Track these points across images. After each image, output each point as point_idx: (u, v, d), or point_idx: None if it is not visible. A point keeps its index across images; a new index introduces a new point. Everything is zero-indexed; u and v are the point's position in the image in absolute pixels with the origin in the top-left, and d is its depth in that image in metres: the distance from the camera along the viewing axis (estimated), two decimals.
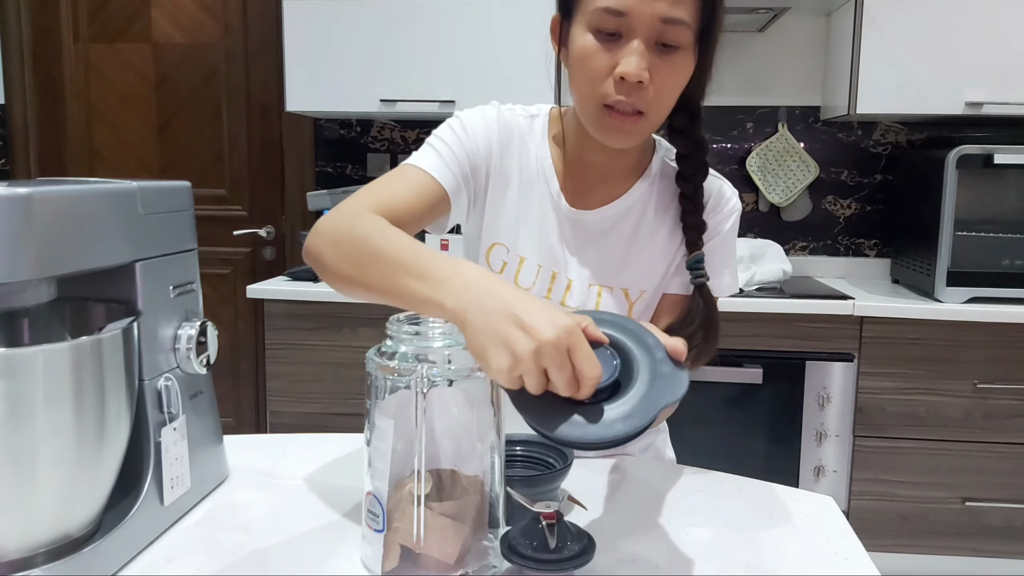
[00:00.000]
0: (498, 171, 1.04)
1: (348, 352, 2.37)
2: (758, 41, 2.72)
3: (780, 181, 2.72)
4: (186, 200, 0.90)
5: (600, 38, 0.88)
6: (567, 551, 0.71)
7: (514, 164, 1.05)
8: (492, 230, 1.05)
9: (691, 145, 0.99)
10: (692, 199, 0.99)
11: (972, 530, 2.26)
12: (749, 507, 0.95)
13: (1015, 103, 2.31)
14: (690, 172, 0.99)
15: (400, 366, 0.73)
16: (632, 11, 0.85)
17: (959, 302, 2.23)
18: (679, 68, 0.89)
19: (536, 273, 1.04)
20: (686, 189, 1.00)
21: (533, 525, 0.75)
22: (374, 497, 0.75)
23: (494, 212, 1.05)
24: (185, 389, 0.87)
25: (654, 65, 0.87)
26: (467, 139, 1.02)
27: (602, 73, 0.89)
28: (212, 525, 0.87)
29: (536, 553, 0.73)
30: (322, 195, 2.67)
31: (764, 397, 2.26)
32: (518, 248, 1.05)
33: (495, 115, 1.05)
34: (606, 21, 0.87)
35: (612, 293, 1.03)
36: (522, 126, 1.06)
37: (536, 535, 0.74)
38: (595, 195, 1.04)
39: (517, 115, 1.06)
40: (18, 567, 0.69)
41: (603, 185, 1.04)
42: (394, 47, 2.49)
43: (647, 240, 1.04)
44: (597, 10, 0.87)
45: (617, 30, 0.87)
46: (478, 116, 1.04)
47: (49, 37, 2.99)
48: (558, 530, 0.73)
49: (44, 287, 0.74)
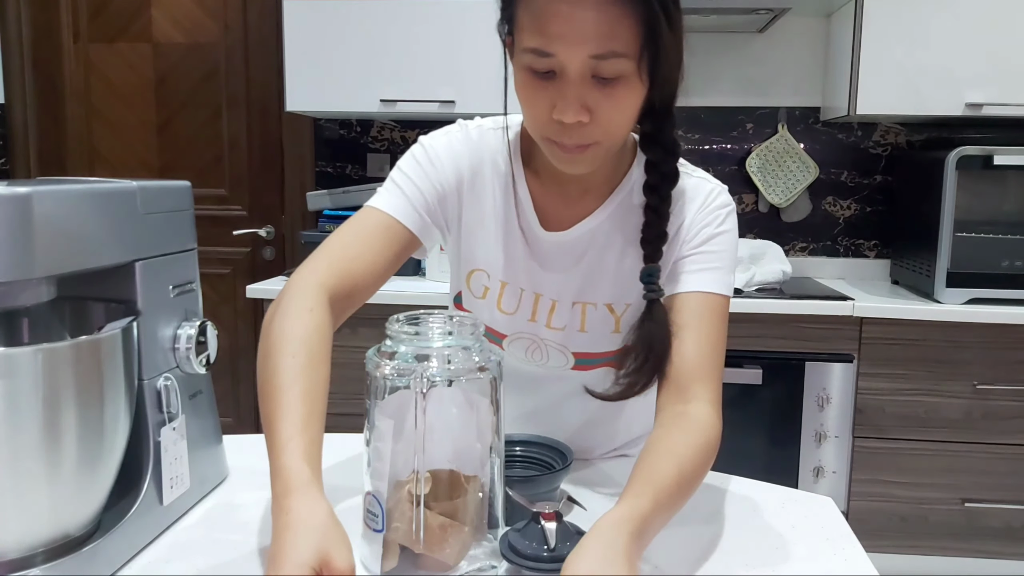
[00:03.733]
0: (471, 195, 0.99)
1: (348, 352, 2.36)
2: (758, 42, 2.72)
3: (780, 182, 2.72)
4: (186, 200, 0.90)
5: (535, 76, 0.83)
6: (567, 551, 0.71)
7: (487, 185, 0.99)
8: (470, 256, 1.01)
9: (660, 151, 0.91)
10: (656, 210, 0.92)
11: (971, 531, 2.26)
12: (749, 507, 0.95)
13: (1015, 104, 2.31)
14: (656, 181, 0.92)
15: (400, 366, 0.73)
16: (559, 52, 0.79)
17: (959, 303, 2.23)
18: (622, 97, 0.82)
19: (519, 297, 1.01)
20: (651, 199, 0.92)
21: (533, 525, 0.75)
22: (373, 497, 0.75)
23: (470, 238, 1.00)
24: (184, 389, 0.87)
25: (595, 100, 0.81)
26: (432, 170, 0.98)
27: (543, 114, 0.84)
28: (211, 525, 0.87)
29: (536, 553, 0.73)
30: (322, 195, 2.67)
31: (764, 398, 2.26)
32: (498, 273, 1.00)
33: (462, 137, 1.00)
34: (536, 62, 0.81)
35: (596, 309, 1.00)
36: (492, 145, 1.00)
37: (536, 535, 0.74)
38: (572, 211, 0.98)
39: (486, 131, 1.01)
40: (17, 567, 0.69)
41: (582, 200, 0.98)
42: (394, 47, 2.49)
43: (628, 250, 0.98)
44: (526, 50, 0.81)
45: (550, 69, 0.81)
46: (443, 141, 0.99)
47: (49, 37, 2.99)
48: (558, 530, 0.73)
49: (44, 286, 0.74)
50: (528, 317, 1.01)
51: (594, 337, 1.00)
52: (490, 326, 1.02)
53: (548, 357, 1.03)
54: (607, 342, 1.00)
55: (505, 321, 1.01)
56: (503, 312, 1.01)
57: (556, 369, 1.04)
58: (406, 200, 0.96)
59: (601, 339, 1.00)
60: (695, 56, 3.05)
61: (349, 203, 2.63)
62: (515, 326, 1.02)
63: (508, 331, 1.02)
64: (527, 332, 1.02)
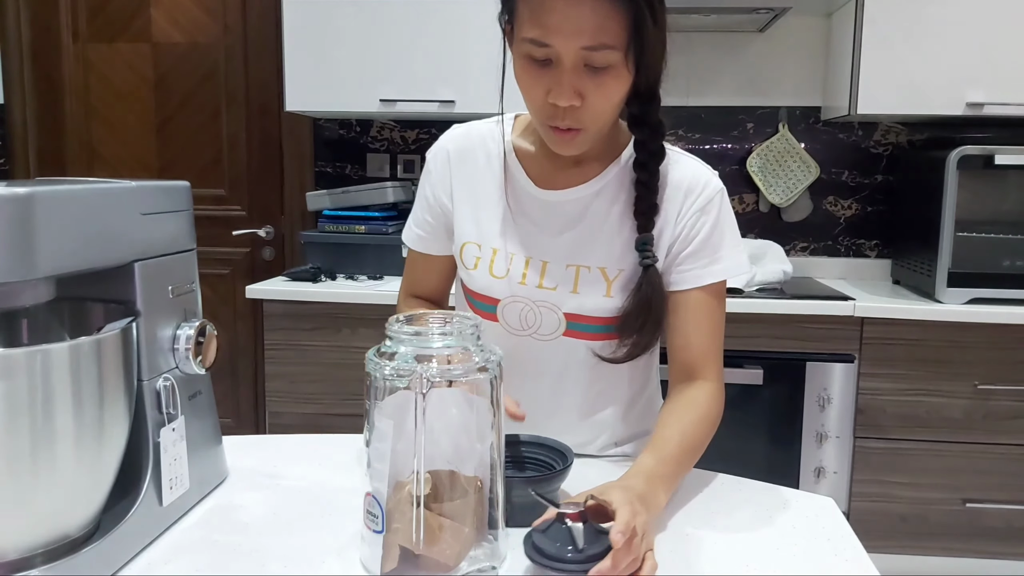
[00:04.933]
0: (461, 183, 1.11)
1: (347, 352, 2.37)
2: (758, 41, 2.72)
3: (781, 181, 2.72)
4: (185, 200, 0.90)
5: (533, 64, 0.93)
6: (593, 551, 0.72)
7: (476, 167, 1.10)
8: (461, 231, 1.11)
9: (646, 131, 1.01)
10: (647, 184, 1.01)
11: (972, 531, 2.26)
12: (749, 508, 0.94)
13: (1016, 104, 2.31)
14: (645, 158, 1.01)
15: (400, 367, 0.72)
16: (555, 43, 0.89)
17: (960, 303, 2.22)
18: (610, 85, 0.92)
19: (509, 260, 1.07)
20: (641, 175, 1.02)
21: (558, 526, 0.75)
22: (373, 498, 0.74)
23: (461, 217, 1.11)
24: (184, 389, 0.87)
25: (585, 86, 0.91)
26: (428, 184, 1.13)
27: (539, 98, 0.94)
28: (211, 526, 0.87)
29: (561, 554, 0.73)
30: (321, 195, 2.67)
31: (764, 398, 2.26)
32: (489, 241, 1.09)
33: (450, 136, 1.13)
34: (534, 51, 0.91)
35: (590, 272, 1.05)
36: (482, 131, 1.12)
37: (562, 536, 0.74)
38: (566, 175, 1.06)
39: (477, 124, 1.13)
40: (17, 568, 0.69)
41: (577, 168, 1.06)
42: (394, 47, 2.48)
43: (622, 222, 1.05)
44: (525, 40, 0.91)
45: (546, 57, 0.91)
46: (432, 156, 1.13)
47: (48, 37, 2.99)
48: (585, 531, 0.74)
49: (43, 287, 0.74)
50: (519, 280, 1.07)
51: (586, 299, 1.05)
52: (484, 293, 1.09)
53: (540, 320, 1.07)
54: (598, 306, 1.05)
55: (497, 285, 1.08)
56: (495, 277, 1.07)
57: (549, 337, 1.08)
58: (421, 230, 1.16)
59: (593, 302, 1.05)
60: (695, 56, 3.08)
61: (349, 203, 2.63)
62: (507, 290, 1.07)
63: (501, 295, 1.08)
64: (520, 295, 1.07)
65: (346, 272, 2.56)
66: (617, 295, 1.04)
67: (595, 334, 1.06)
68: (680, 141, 2.76)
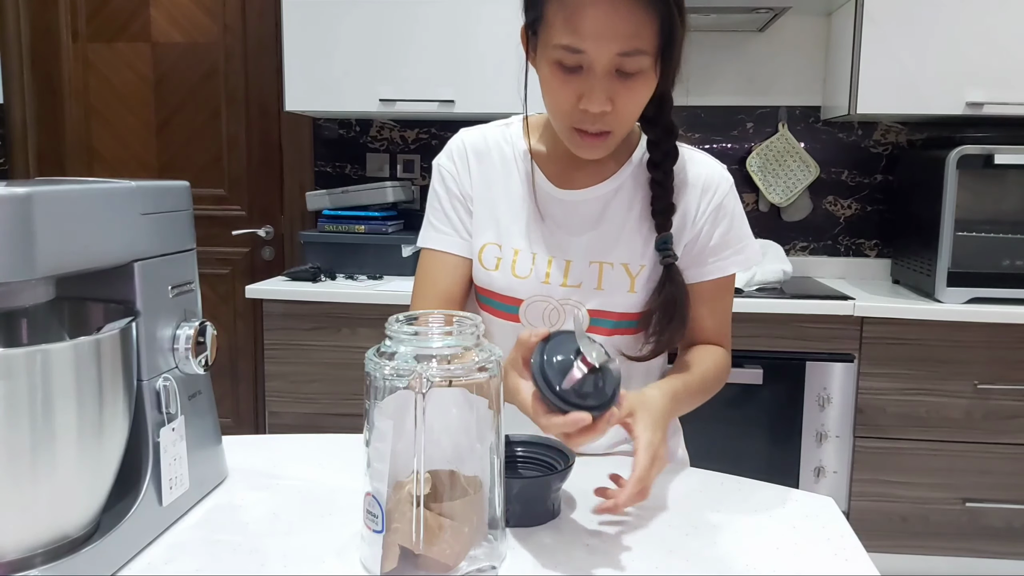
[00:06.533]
0: (479, 182, 1.11)
1: (347, 352, 2.37)
2: (758, 41, 2.72)
3: (780, 181, 2.72)
4: (185, 200, 0.90)
5: (563, 70, 0.92)
6: (570, 398, 0.77)
7: (492, 169, 1.10)
8: (480, 233, 1.11)
9: (660, 132, 1.02)
10: (662, 184, 1.03)
11: (972, 531, 2.26)
12: (749, 507, 0.94)
13: (1015, 103, 2.31)
14: (659, 158, 1.03)
15: (400, 366, 0.72)
16: (589, 49, 0.89)
17: (959, 302, 2.22)
18: (640, 90, 0.93)
19: (532, 260, 1.08)
20: (656, 175, 1.03)
21: (571, 360, 0.78)
22: (373, 498, 0.74)
23: (479, 218, 1.11)
24: (184, 389, 0.87)
25: (615, 91, 0.92)
26: (450, 179, 1.11)
27: (567, 103, 0.94)
28: (211, 526, 0.87)
29: (551, 380, 0.78)
30: (321, 195, 2.67)
31: (764, 397, 2.26)
32: (510, 242, 1.09)
33: (460, 140, 1.12)
34: (566, 57, 0.91)
35: (613, 268, 1.06)
36: (495, 134, 1.12)
37: (565, 371, 0.78)
38: (582, 175, 1.07)
39: (487, 128, 1.13)
40: (16, 568, 0.69)
41: (590, 166, 1.07)
42: (394, 47, 2.48)
43: (641, 220, 1.07)
44: (557, 46, 0.91)
45: (578, 64, 0.91)
46: (447, 156, 1.13)
47: (48, 36, 2.99)
48: (591, 380, 0.78)
49: (43, 287, 0.74)
50: (542, 279, 1.07)
51: (610, 295, 1.06)
52: (506, 294, 1.09)
53: (563, 319, 1.08)
54: (623, 302, 1.06)
55: (520, 285, 1.08)
56: (518, 277, 1.08)
57: None
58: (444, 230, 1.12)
59: (617, 297, 1.06)
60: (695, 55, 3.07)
61: (348, 203, 2.63)
62: (530, 289, 1.08)
63: (525, 295, 1.08)
64: (542, 295, 1.07)
65: (346, 272, 2.56)
66: (641, 291, 1.06)
67: (616, 330, 1.07)
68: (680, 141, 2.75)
